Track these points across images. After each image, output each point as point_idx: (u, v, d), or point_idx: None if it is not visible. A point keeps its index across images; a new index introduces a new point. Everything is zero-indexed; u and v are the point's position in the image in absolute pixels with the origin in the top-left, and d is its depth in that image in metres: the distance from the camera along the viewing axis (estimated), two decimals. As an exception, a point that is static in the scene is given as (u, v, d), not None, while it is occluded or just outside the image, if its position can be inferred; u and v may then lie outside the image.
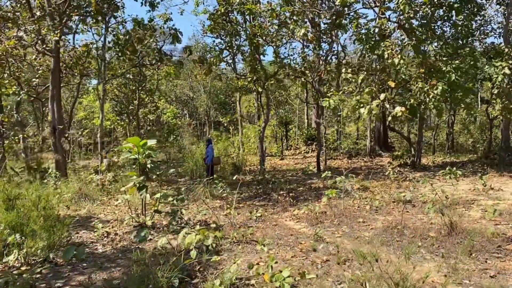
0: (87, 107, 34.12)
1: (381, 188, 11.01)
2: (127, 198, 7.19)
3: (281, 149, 21.70)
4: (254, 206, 9.76)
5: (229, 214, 7.67)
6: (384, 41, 12.67)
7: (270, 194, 11.07)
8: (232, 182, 14.28)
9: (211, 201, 10.13)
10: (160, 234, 6.89)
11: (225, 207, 9.33)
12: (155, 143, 7.22)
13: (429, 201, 8.48)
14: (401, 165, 16.00)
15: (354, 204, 8.93)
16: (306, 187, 11.79)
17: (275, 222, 7.77)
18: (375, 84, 13.31)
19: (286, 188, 11.56)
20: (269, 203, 10.05)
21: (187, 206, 9.53)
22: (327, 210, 8.15)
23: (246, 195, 11.57)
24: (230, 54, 14.25)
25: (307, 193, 10.98)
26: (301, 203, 9.77)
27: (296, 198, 10.33)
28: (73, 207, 9.79)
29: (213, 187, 10.48)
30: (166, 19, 14.99)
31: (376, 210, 8.35)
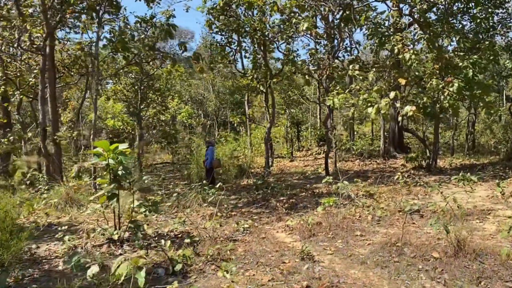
0: (99, 107, 33.95)
1: (389, 195, 10.12)
2: (97, 208, 6.54)
3: (291, 150, 20.87)
4: (249, 214, 9.03)
5: (215, 224, 6.93)
6: (395, 35, 11.78)
7: (269, 200, 10.32)
8: (234, 186, 13.62)
9: (204, 208, 9.43)
10: (132, 249, 6.23)
11: (218, 215, 8.63)
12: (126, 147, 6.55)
13: (438, 211, 7.63)
14: (415, 167, 15.02)
15: (355, 213, 8.09)
16: (308, 193, 10.99)
17: (264, 234, 7.01)
18: (386, 82, 12.40)
19: (287, 193, 10.79)
20: (266, 211, 9.31)
21: (174, 215, 8.87)
22: (324, 220, 7.34)
23: (245, 200, 10.85)
24: (231, 51, 13.56)
25: (309, 199, 10.18)
26: (299, 210, 9.00)
27: (295, 206, 9.56)
28: (56, 214, 9.25)
29: (206, 193, 9.77)
30: (169, 16, 14.36)
31: (378, 221, 7.51)
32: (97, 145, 6.15)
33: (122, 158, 6.23)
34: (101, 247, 6.37)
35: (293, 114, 24.06)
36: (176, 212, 9.24)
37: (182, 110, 35.21)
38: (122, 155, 6.27)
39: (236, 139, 23.24)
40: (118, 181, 6.29)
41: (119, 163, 6.30)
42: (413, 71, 12.44)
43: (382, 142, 19.14)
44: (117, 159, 6.27)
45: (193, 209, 9.46)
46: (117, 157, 6.26)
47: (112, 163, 6.28)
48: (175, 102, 35.05)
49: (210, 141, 13.65)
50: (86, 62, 13.31)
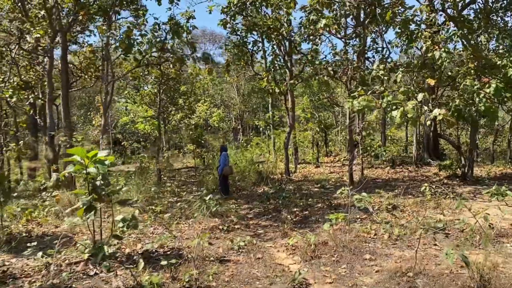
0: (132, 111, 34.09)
1: (414, 208, 9.08)
2: (75, 221, 5.94)
3: (317, 156, 19.89)
4: (255, 227, 8.25)
5: (203, 242, 6.16)
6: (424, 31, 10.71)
7: (281, 211, 9.50)
8: (249, 194, 12.87)
9: (207, 220, 8.72)
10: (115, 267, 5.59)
11: (221, 228, 7.92)
12: (109, 154, 5.94)
13: (467, 230, 6.60)
14: (449, 176, 13.78)
15: (371, 230, 7.15)
16: (325, 204, 10.07)
17: (261, 254, 6.21)
18: (415, 82, 11.32)
19: (300, 204, 9.92)
20: (275, 223, 8.50)
21: (175, 226, 8.21)
22: (331, 239, 6.46)
23: (256, 211, 10.07)
24: (248, 52, 12.81)
25: (324, 212, 9.28)
26: (310, 225, 8.14)
27: (306, 219, 8.70)
28: (56, 223, 8.80)
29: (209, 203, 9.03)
30: (189, 17, 13.86)
31: (395, 241, 6.54)
32: (72, 153, 5.57)
33: (100, 167, 5.62)
34: (78, 265, 5.77)
35: (320, 118, 23.04)
36: (177, 223, 8.58)
37: (214, 114, 34.88)
38: (100, 163, 5.66)
39: (258, 144, 22.47)
40: (96, 192, 5.68)
41: (98, 172, 5.69)
42: (445, 71, 11.29)
43: (415, 148, 17.87)
44: (96, 168, 5.67)
45: (196, 220, 8.78)
46: (96, 166, 5.66)
47: (93, 171, 5.69)
48: (205, 106, 34.77)
49: (223, 146, 12.95)
50: (98, 65, 12.97)
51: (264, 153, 21.78)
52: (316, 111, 27.27)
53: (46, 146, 10.82)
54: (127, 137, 38.24)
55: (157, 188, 13.13)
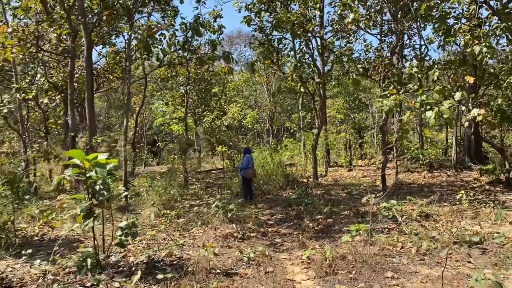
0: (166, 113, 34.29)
1: (449, 217, 8.27)
2: (74, 227, 5.62)
3: (349, 158, 19.08)
4: (273, 235, 7.74)
5: (209, 254, 5.69)
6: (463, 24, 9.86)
7: (303, 219, 8.94)
8: (274, 198, 12.37)
9: (224, 226, 8.28)
10: (110, 278, 5.23)
11: (236, 236, 7.46)
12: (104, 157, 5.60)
13: (507, 246, 5.83)
14: (491, 182, 12.72)
15: (397, 243, 6.47)
16: (352, 211, 9.41)
17: (273, 267, 5.69)
18: (452, 80, 10.46)
19: (325, 211, 9.30)
20: (295, 232, 7.95)
21: (188, 233, 7.82)
22: (351, 252, 5.85)
23: (279, 217, 9.55)
24: (274, 50, 12.27)
25: (349, 220, 8.63)
26: (332, 234, 7.53)
27: (329, 228, 8.08)
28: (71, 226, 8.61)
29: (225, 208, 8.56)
30: (216, 16, 13.53)
31: (424, 256, 5.85)
32: (69, 155, 5.27)
33: (99, 170, 5.28)
34: (73, 275, 5.45)
35: (356, 119, 22.17)
36: (192, 228, 8.19)
37: (248, 115, 34.57)
38: (99, 167, 5.32)
39: (287, 146, 21.85)
40: (95, 198, 5.35)
41: (99, 177, 5.36)
42: (486, 68, 10.36)
43: (455, 151, 16.76)
44: (95, 172, 5.33)
45: (212, 226, 8.36)
46: (96, 169, 5.33)
47: (93, 175, 5.37)
48: (237, 107, 34.49)
49: (247, 148, 12.48)
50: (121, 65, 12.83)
51: (294, 155, 21.17)
52: (351, 112, 26.38)
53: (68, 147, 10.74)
54: (163, 138, 38.61)
55: (181, 190, 12.87)
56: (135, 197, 10.82)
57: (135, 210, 8.65)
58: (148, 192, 10.75)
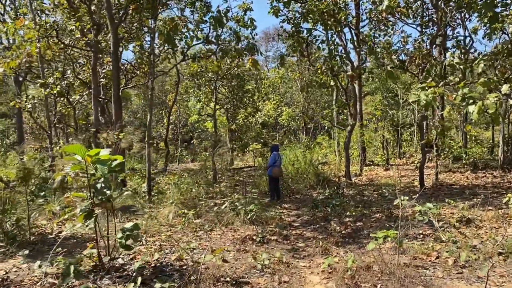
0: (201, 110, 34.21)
1: (494, 223, 7.42)
2: (77, 228, 5.27)
3: (386, 157, 18.13)
4: (296, 239, 7.18)
5: (217, 260, 5.19)
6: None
7: (331, 221, 8.32)
8: (303, 198, 11.79)
9: (245, 227, 7.80)
10: (112, 283, 4.86)
11: (254, 239, 6.95)
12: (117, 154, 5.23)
13: None
14: (544, 184, 11.59)
15: (432, 252, 5.76)
16: (385, 214, 8.68)
17: (290, 276, 5.14)
18: (499, 72, 9.51)
19: (354, 213, 8.63)
20: (320, 235, 7.35)
21: (209, 234, 7.38)
22: (377, 262, 5.20)
23: (305, 218, 8.97)
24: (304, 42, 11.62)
25: (381, 223, 7.93)
26: (361, 240, 6.89)
27: (358, 232, 7.43)
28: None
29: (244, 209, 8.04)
30: (246, 9, 13.08)
31: (462, 269, 5.13)
32: (68, 150, 4.93)
33: (100, 167, 4.91)
34: (78, 278, 5.12)
35: (393, 117, 21.11)
36: (211, 230, 7.76)
37: (284, 112, 33.98)
38: (100, 163, 4.95)
39: (319, 144, 21.07)
40: (96, 197, 4.99)
41: (101, 174, 4.99)
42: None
43: (501, 149, 15.52)
44: (97, 169, 4.98)
45: (232, 227, 7.90)
46: (97, 166, 4.97)
47: (96, 173, 5.02)
48: (272, 104, 33.95)
49: (274, 146, 11.91)
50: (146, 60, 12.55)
51: (328, 153, 20.40)
52: (390, 108, 25.26)
53: (92, 143, 10.59)
54: (198, 135, 38.63)
55: (207, 188, 12.51)
56: (158, 195, 10.51)
57: (139, 210, 8.28)
58: (172, 190, 10.42)
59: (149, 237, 7.17)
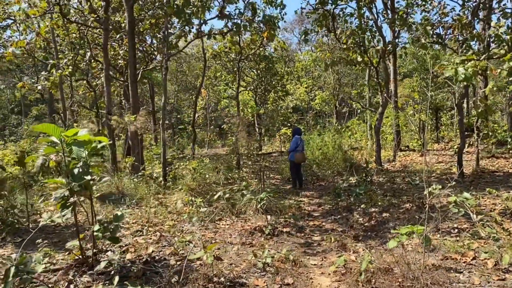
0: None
1: (545, 217, 6.38)
2: (55, 218, 4.70)
3: (423, 142, 16.89)
4: (312, 231, 6.42)
5: (207, 256, 4.48)
6: None
7: (353, 211, 7.49)
8: (328, 185, 10.97)
9: (257, 217, 7.10)
10: (92, 280, 4.29)
11: (264, 231, 6.23)
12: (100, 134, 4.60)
13: None
14: None
15: (467, 251, 4.87)
16: (416, 204, 7.74)
17: (295, 277, 4.41)
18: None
19: (381, 203, 7.75)
20: (340, 227, 6.56)
21: (217, 223, 6.73)
22: (399, 263, 4.37)
23: (327, 208, 8.17)
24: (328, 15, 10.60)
25: (411, 215, 7.02)
26: (385, 233, 6.04)
27: (382, 225, 6.56)
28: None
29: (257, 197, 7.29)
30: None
31: (504, 274, 4.23)
32: (37, 130, 4.34)
33: (75, 149, 4.31)
34: (57, 273, 4.59)
35: (432, 99, 19.68)
36: (220, 219, 7.11)
37: (317, 96, 32.88)
38: (78, 145, 4.35)
39: (349, 127, 19.95)
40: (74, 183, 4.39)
41: (79, 157, 4.39)
42: None
43: (553, 133, 14.06)
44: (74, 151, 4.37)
45: (243, 217, 7.22)
46: (73, 149, 4.37)
47: (76, 155, 4.42)
48: (304, 88, 32.89)
49: (296, 129, 11.05)
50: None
51: (359, 138, 19.31)
52: (428, 90, 23.74)
53: (105, 126, 10.15)
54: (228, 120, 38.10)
55: (228, 174, 11.89)
56: (172, 180, 9.97)
57: (127, 199, 7.68)
58: (186, 176, 9.84)
59: (152, 226, 6.60)
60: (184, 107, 41.75)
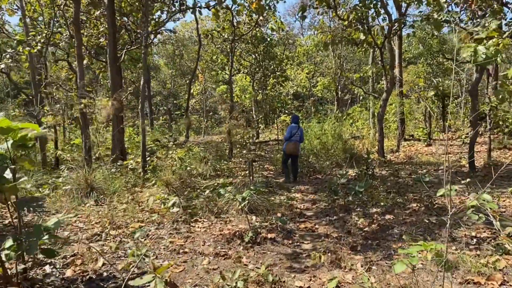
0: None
1: None
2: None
3: (429, 131, 15.81)
4: (302, 237, 5.42)
5: (165, 277, 3.49)
6: None
7: (351, 212, 6.49)
8: (325, 179, 9.98)
9: (240, 218, 6.10)
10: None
11: (244, 238, 5.23)
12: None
13: None
14: None
15: (494, 275, 3.86)
16: (424, 204, 6.72)
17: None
18: None
19: (384, 202, 6.73)
20: (335, 232, 5.56)
21: (191, 226, 5.73)
22: (411, 279, 3.38)
23: (322, 206, 7.17)
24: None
25: (419, 217, 6.01)
26: (388, 243, 5.04)
27: (385, 230, 5.55)
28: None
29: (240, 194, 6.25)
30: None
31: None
32: None
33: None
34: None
35: (438, 84, 18.52)
36: (195, 221, 6.11)
37: (318, 83, 31.65)
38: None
39: (350, 115, 18.83)
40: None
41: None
42: None
43: None
44: None
45: (224, 218, 6.23)
46: None
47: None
48: (305, 73, 31.73)
49: (294, 116, 10.03)
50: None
51: (361, 126, 18.23)
52: (434, 76, 22.61)
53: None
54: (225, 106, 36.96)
55: (217, 164, 10.91)
56: (151, 173, 8.97)
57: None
58: (166, 168, 8.81)
59: (114, 229, 5.61)
60: (182, 92, 40.58)
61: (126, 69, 24.13)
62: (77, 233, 5.55)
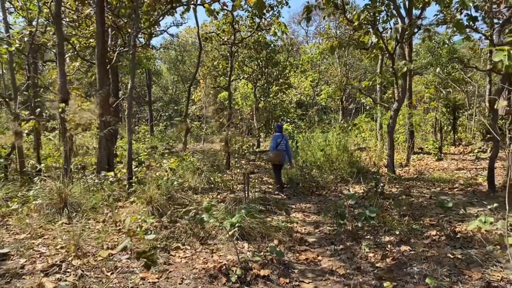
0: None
1: None
2: None
3: (439, 145, 14.86)
4: (302, 274, 4.51)
5: None
6: None
7: (361, 239, 5.57)
8: (328, 196, 9.07)
9: (229, 246, 5.19)
10: None
11: (231, 277, 4.33)
12: None
13: None
14: None
15: None
16: (445, 232, 5.77)
17: None
18: None
19: (398, 231, 5.79)
20: (342, 269, 4.63)
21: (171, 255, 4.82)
22: None
23: (326, 231, 6.25)
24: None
25: (440, 250, 5.08)
26: (407, 284, 4.11)
27: (402, 267, 4.62)
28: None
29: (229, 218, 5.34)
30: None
31: None
32: None
33: None
34: None
35: (449, 96, 17.63)
36: (175, 249, 5.19)
37: (322, 91, 30.82)
38: None
39: (356, 125, 17.90)
40: None
41: None
42: None
43: None
44: None
45: (211, 245, 5.32)
46: None
47: None
48: (308, 81, 30.93)
49: (277, 125, 9.35)
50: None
51: (368, 138, 17.31)
52: (443, 86, 21.73)
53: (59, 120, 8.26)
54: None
55: (211, 176, 10.02)
56: (137, 185, 8.08)
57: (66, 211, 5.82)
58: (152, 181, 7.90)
59: (78, 258, 4.71)
60: (183, 98, 39.82)
61: (126, 73, 23.46)
62: (36, 261, 4.67)
